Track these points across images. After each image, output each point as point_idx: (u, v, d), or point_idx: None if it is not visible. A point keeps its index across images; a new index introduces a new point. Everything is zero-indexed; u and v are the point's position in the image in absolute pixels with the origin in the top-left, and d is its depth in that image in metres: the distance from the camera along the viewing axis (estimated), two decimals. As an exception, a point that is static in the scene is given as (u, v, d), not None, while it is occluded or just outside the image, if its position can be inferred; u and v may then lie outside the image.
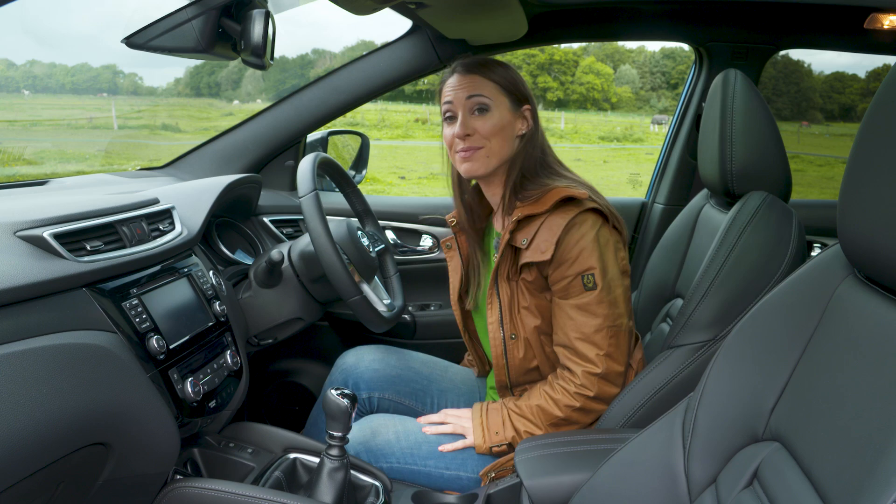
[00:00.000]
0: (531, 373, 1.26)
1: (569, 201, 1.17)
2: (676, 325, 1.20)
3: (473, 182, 1.36)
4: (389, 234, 1.98)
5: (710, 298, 1.17)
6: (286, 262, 1.38)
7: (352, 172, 2.16)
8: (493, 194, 1.30)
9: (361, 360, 1.48)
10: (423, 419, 1.30)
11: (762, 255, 1.17)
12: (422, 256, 1.97)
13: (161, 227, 1.17)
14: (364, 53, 1.83)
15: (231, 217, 1.67)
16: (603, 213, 1.18)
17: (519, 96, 1.24)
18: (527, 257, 1.17)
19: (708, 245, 1.25)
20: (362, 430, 1.27)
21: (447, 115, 1.25)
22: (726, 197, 1.34)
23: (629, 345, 1.22)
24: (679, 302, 1.42)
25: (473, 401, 1.47)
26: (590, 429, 1.20)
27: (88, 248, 0.97)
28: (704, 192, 1.56)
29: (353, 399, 1.05)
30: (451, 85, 1.24)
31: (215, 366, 1.16)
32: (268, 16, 0.97)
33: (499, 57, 1.55)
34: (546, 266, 1.17)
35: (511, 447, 1.21)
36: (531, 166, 1.24)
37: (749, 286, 1.15)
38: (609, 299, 1.17)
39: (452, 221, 1.38)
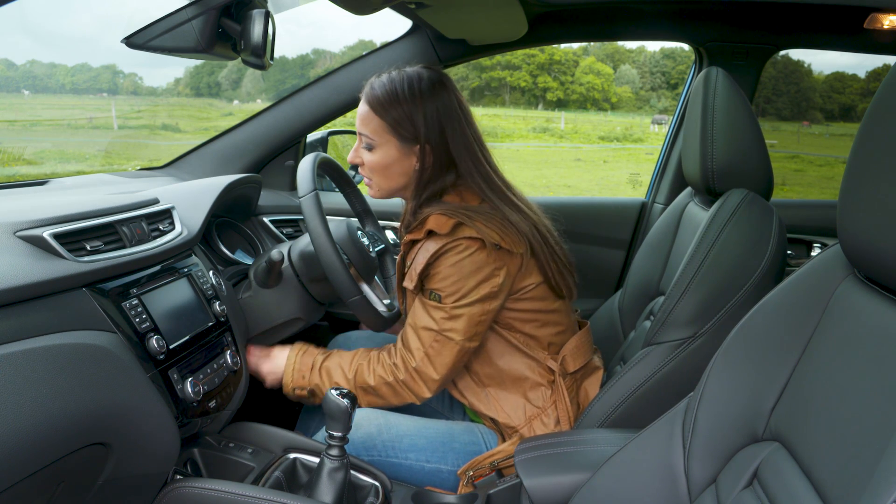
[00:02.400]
0: None
1: (434, 233, 1.18)
2: (657, 322, 1.21)
3: None
4: (389, 234, 1.98)
5: (689, 295, 1.17)
6: (286, 262, 1.38)
7: (352, 173, 2.16)
8: (407, 208, 1.34)
9: (349, 338, 1.57)
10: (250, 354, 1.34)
11: (742, 252, 1.17)
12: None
13: (161, 227, 1.17)
14: (364, 53, 1.83)
15: (231, 217, 1.67)
16: (477, 238, 1.17)
17: (410, 136, 1.22)
18: (405, 281, 1.24)
19: (691, 242, 1.25)
20: None
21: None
22: (708, 195, 1.35)
23: (457, 364, 1.22)
24: (662, 300, 1.42)
25: None
26: (590, 429, 1.20)
27: (88, 248, 0.97)
28: (689, 189, 1.57)
29: (353, 399, 1.05)
30: (357, 110, 1.27)
31: (215, 366, 1.16)
32: (268, 16, 0.97)
33: (499, 57, 1.55)
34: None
35: (313, 394, 1.26)
36: (439, 189, 1.25)
37: (729, 283, 1.16)
38: (447, 314, 1.19)
39: (402, 230, 1.42)
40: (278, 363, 1.31)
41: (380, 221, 1.67)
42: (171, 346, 1.04)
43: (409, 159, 1.24)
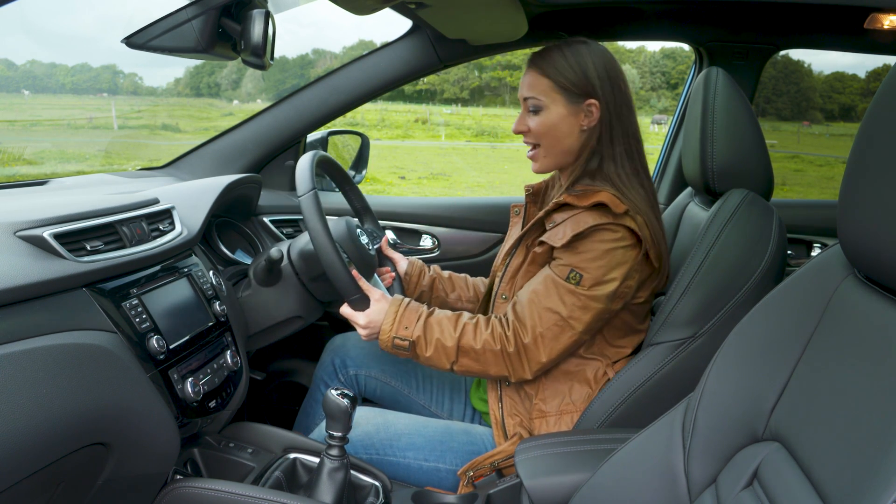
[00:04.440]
0: None
1: (605, 207, 1.15)
2: (657, 322, 1.21)
3: None
4: (389, 234, 1.98)
5: (689, 295, 1.17)
6: (286, 261, 1.38)
7: (352, 172, 2.16)
8: (563, 181, 1.31)
9: (349, 339, 1.54)
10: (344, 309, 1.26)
11: (742, 252, 1.17)
12: (422, 256, 1.97)
13: (161, 227, 1.17)
14: (364, 53, 1.83)
15: (231, 217, 1.67)
16: (636, 234, 1.16)
17: (579, 91, 1.22)
18: (546, 237, 1.19)
19: (691, 242, 1.25)
20: None
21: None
22: (708, 195, 1.35)
23: (567, 352, 1.19)
24: (662, 300, 1.43)
25: (459, 386, 1.48)
26: (590, 429, 1.20)
27: (88, 248, 0.97)
28: (689, 189, 1.57)
29: (353, 399, 1.05)
30: (521, 79, 1.27)
31: (215, 366, 1.16)
32: (268, 16, 0.97)
33: (499, 57, 1.55)
34: (556, 249, 1.18)
35: (414, 346, 1.19)
36: (593, 163, 1.22)
37: (729, 283, 1.16)
38: (581, 302, 1.15)
39: (529, 191, 1.41)
40: (377, 312, 1.23)
41: (380, 221, 1.67)
42: (171, 346, 1.04)
43: (576, 118, 1.22)
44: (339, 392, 1.04)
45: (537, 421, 1.24)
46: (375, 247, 1.49)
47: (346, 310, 1.26)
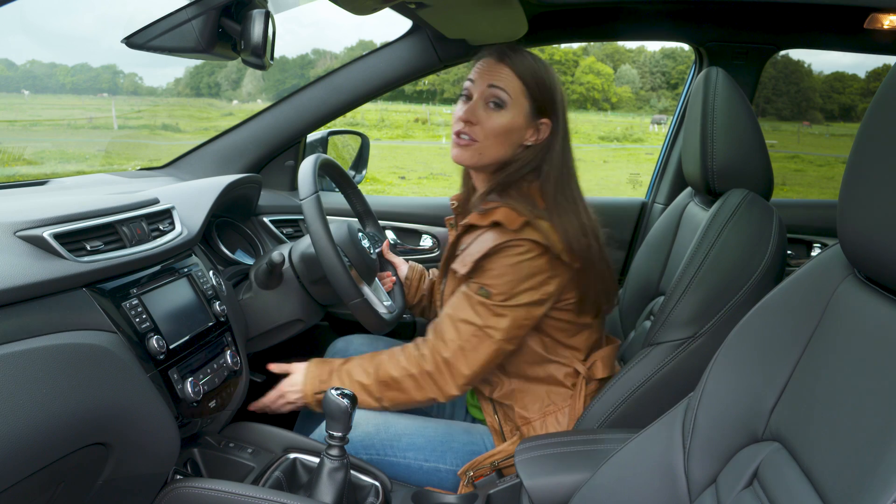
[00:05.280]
0: None
1: (502, 225, 1.14)
2: (657, 322, 1.21)
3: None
4: (389, 234, 1.98)
5: (689, 295, 1.17)
6: (287, 264, 1.38)
7: (352, 172, 2.16)
8: (478, 186, 1.29)
9: (350, 344, 1.55)
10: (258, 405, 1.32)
11: (742, 252, 1.17)
12: (422, 256, 1.97)
13: (161, 227, 1.17)
14: (364, 53, 1.83)
15: (231, 217, 1.67)
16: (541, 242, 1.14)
17: (541, 106, 1.19)
18: (454, 265, 1.21)
19: (691, 242, 1.25)
20: None
21: (464, 93, 1.23)
22: (708, 195, 1.35)
23: (490, 364, 1.19)
24: (662, 300, 1.43)
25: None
26: (590, 429, 1.20)
27: (88, 248, 0.97)
28: (689, 190, 1.57)
29: (353, 399, 1.05)
30: (480, 66, 1.21)
31: (215, 366, 1.16)
32: (268, 16, 0.97)
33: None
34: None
35: None
36: (518, 180, 1.20)
37: (729, 283, 1.15)
38: (493, 312, 1.15)
39: (454, 204, 1.39)
40: (295, 378, 1.28)
41: (380, 222, 1.67)
42: (171, 346, 1.04)
43: (527, 132, 1.20)
44: (339, 392, 1.04)
45: (524, 427, 1.26)
46: (377, 251, 1.49)
47: (267, 398, 1.31)
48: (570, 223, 1.17)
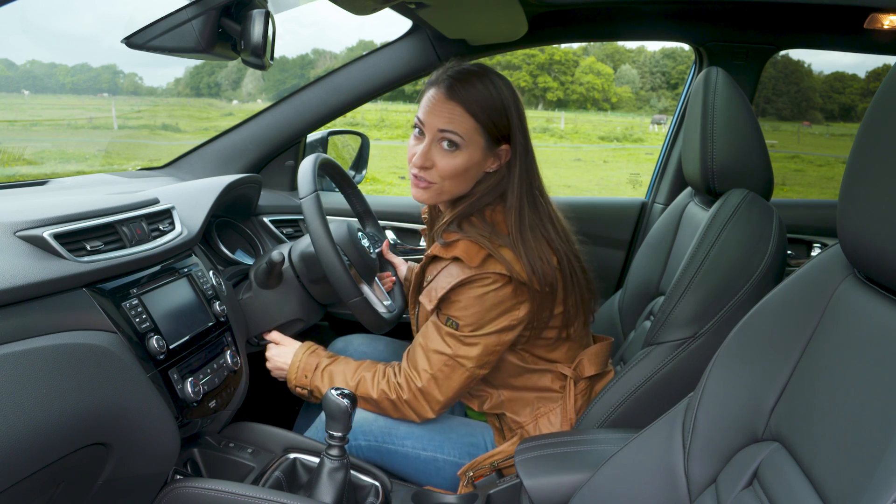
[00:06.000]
0: None
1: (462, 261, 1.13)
2: (657, 322, 1.21)
3: None
4: (389, 234, 1.98)
5: (689, 295, 1.17)
6: (287, 264, 1.38)
7: (352, 172, 2.16)
8: (442, 209, 1.27)
9: (350, 344, 1.55)
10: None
11: (742, 252, 1.17)
12: (422, 256, 1.97)
13: (161, 227, 1.17)
14: (364, 53, 1.83)
15: (231, 217, 1.67)
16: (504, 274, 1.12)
17: (498, 135, 1.15)
18: (421, 297, 1.22)
19: (691, 243, 1.25)
20: None
21: (416, 126, 1.18)
22: (708, 195, 1.35)
23: (464, 388, 1.20)
24: (662, 300, 1.43)
25: None
26: (590, 429, 1.20)
27: (88, 248, 0.97)
28: (689, 190, 1.57)
29: (353, 399, 1.05)
30: (430, 102, 1.14)
31: (215, 366, 1.16)
32: (268, 16, 0.97)
33: (499, 57, 1.55)
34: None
35: (312, 395, 1.26)
36: (475, 206, 1.18)
37: (729, 283, 1.15)
38: (463, 342, 1.16)
39: (425, 217, 1.39)
40: (286, 358, 1.30)
41: (380, 221, 1.67)
42: (171, 346, 1.04)
43: (486, 162, 1.17)
44: (338, 392, 1.04)
45: (519, 431, 1.26)
46: (376, 250, 1.49)
47: (267, 350, 1.35)
48: (535, 250, 1.14)
